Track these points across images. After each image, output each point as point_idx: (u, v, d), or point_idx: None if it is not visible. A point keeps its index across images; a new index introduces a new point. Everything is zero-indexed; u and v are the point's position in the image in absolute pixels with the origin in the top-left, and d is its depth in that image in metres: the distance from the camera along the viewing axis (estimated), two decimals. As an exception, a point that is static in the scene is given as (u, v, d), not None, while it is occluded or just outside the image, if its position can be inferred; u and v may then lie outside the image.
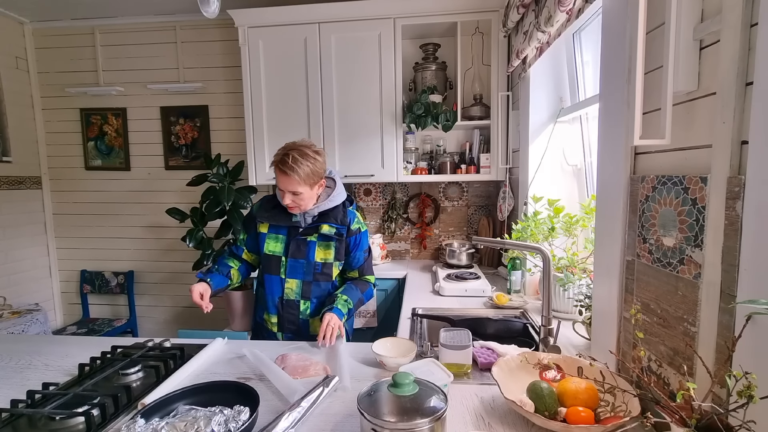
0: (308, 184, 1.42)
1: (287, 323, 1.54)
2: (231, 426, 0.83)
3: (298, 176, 1.37)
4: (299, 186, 1.40)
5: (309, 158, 1.40)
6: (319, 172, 1.44)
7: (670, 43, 0.77)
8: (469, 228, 2.86)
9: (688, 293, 0.77)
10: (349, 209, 1.57)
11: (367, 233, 1.63)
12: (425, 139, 2.76)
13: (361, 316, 2.47)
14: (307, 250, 1.52)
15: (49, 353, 1.32)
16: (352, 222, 1.55)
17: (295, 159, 1.37)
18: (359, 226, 1.58)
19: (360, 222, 1.60)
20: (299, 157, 1.38)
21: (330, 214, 1.51)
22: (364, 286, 1.60)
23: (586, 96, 1.82)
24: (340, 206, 1.54)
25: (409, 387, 0.79)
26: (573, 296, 1.55)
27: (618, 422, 0.78)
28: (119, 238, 3.16)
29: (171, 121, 3.01)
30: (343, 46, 2.48)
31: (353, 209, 1.61)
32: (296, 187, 1.40)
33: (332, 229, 1.50)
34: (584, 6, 1.36)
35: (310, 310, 1.54)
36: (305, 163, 1.38)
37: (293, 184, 1.39)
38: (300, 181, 1.39)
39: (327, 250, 1.53)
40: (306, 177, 1.39)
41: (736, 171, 0.68)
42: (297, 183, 1.39)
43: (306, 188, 1.42)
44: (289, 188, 1.40)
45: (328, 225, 1.50)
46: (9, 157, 2.84)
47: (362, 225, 1.60)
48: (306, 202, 1.46)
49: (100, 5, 2.76)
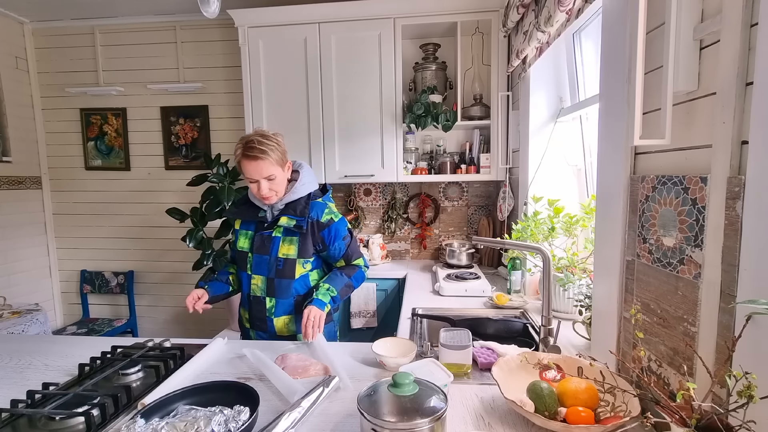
0: (280, 165, 1.42)
1: (256, 320, 1.52)
2: (231, 426, 0.83)
3: (270, 157, 1.37)
4: (273, 167, 1.39)
5: (272, 139, 1.40)
6: (285, 152, 1.45)
7: (670, 43, 0.77)
8: (469, 228, 2.87)
9: (688, 293, 0.77)
10: (316, 201, 1.52)
11: (344, 220, 1.56)
12: (425, 139, 2.76)
13: (361, 316, 2.47)
14: (271, 246, 1.48)
15: (49, 353, 1.32)
16: (320, 214, 1.49)
17: (261, 142, 1.37)
18: (331, 217, 1.51)
19: (332, 212, 1.53)
20: (264, 139, 1.38)
21: (292, 206, 1.49)
22: (351, 270, 1.55)
23: (586, 96, 1.82)
24: (303, 198, 1.50)
25: (409, 387, 0.79)
26: (573, 296, 1.55)
27: (618, 422, 0.78)
28: (119, 238, 3.16)
29: (171, 121, 3.01)
30: (343, 46, 2.48)
31: (324, 201, 1.55)
32: (270, 169, 1.39)
33: (291, 221, 1.46)
34: (584, 6, 1.36)
35: (275, 308, 1.49)
36: (272, 144, 1.39)
37: (267, 167, 1.38)
38: (273, 162, 1.39)
39: (290, 246, 1.48)
40: (278, 158, 1.40)
41: (736, 171, 0.68)
42: (271, 164, 1.38)
43: (279, 170, 1.42)
44: (264, 173, 1.39)
45: (287, 217, 1.46)
46: (9, 157, 2.84)
47: (335, 215, 1.53)
48: (281, 187, 1.45)
49: (100, 5, 2.76)
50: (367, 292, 2.45)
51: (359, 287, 1.65)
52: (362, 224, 2.92)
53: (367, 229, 2.94)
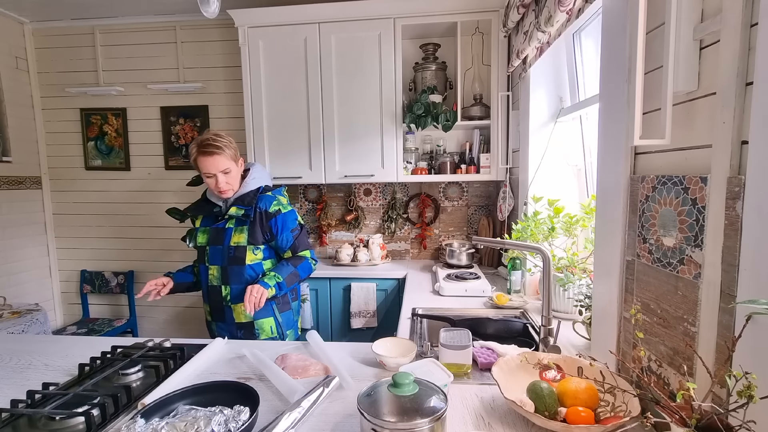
0: (233, 160, 1.56)
1: (215, 311, 1.65)
2: (231, 426, 0.83)
3: (225, 153, 1.52)
4: (227, 161, 1.54)
5: (225, 138, 1.55)
6: (237, 149, 1.60)
7: (670, 43, 0.77)
8: (469, 228, 2.87)
9: (688, 293, 0.77)
10: (265, 194, 1.64)
11: (294, 212, 1.68)
12: (425, 139, 2.76)
13: (361, 316, 2.47)
14: (225, 236, 1.61)
15: (49, 353, 1.32)
16: (268, 206, 1.61)
17: (215, 139, 1.52)
18: (279, 208, 1.63)
19: (280, 203, 1.65)
20: (218, 137, 1.53)
21: (241, 198, 1.61)
22: (297, 261, 1.65)
23: (586, 96, 1.82)
24: (252, 191, 1.62)
25: (409, 387, 0.79)
26: (573, 296, 1.55)
27: (618, 422, 0.78)
28: (119, 238, 3.16)
29: (171, 121, 3.01)
30: (343, 46, 2.48)
31: (273, 194, 1.67)
32: (226, 163, 1.53)
33: (240, 210, 1.58)
34: (584, 6, 1.36)
35: (230, 295, 1.61)
36: (225, 141, 1.54)
37: (223, 161, 1.52)
38: (228, 157, 1.53)
39: (240, 234, 1.60)
40: (231, 154, 1.55)
41: (736, 171, 0.68)
42: (226, 159, 1.53)
43: (233, 164, 1.56)
44: (220, 168, 1.53)
45: (236, 207, 1.58)
46: (9, 157, 2.84)
47: (283, 206, 1.65)
48: (235, 181, 1.59)
49: (100, 5, 2.76)
50: (367, 292, 2.45)
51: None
52: (362, 224, 2.92)
53: (367, 229, 2.94)
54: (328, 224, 2.91)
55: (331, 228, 2.93)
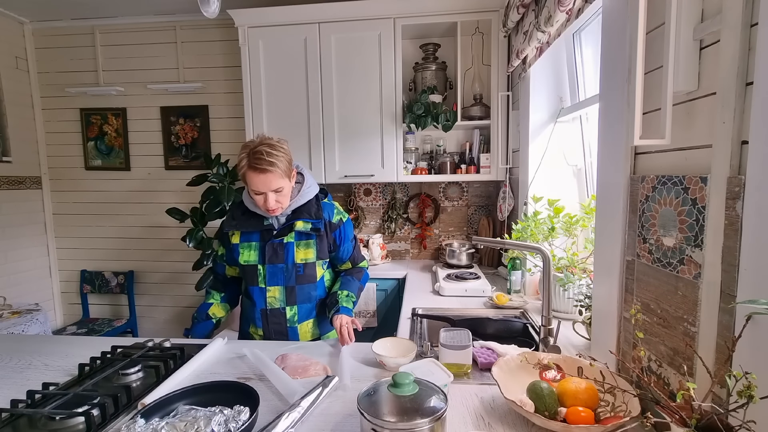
0: (287, 176, 1.33)
1: (274, 334, 1.46)
2: (231, 426, 0.83)
3: (279, 170, 1.29)
4: (281, 180, 1.31)
5: (279, 148, 1.31)
6: (292, 160, 1.36)
7: (670, 43, 0.77)
8: (469, 228, 2.86)
9: (688, 293, 0.77)
10: (324, 202, 1.48)
11: (350, 222, 1.56)
12: (425, 139, 2.76)
13: (361, 316, 2.47)
14: (285, 253, 1.41)
15: (49, 353, 1.32)
16: (331, 215, 1.47)
17: (269, 153, 1.27)
18: (341, 217, 1.50)
19: (340, 212, 1.51)
20: (272, 150, 1.28)
21: (303, 209, 1.42)
22: (359, 274, 1.57)
23: (586, 96, 1.82)
24: (313, 200, 1.44)
25: (409, 387, 0.79)
26: (573, 296, 1.55)
27: (618, 422, 0.78)
28: (119, 238, 3.16)
29: (171, 121, 3.01)
30: (343, 46, 2.48)
31: (329, 201, 1.52)
32: (279, 182, 1.30)
33: (307, 224, 1.41)
34: (584, 6, 1.36)
35: (298, 316, 1.46)
36: (280, 154, 1.30)
37: (276, 180, 1.29)
38: (282, 174, 1.30)
39: (307, 249, 1.43)
40: (286, 168, 1.31)
41: (736, 171, 0.68)
42: (280, 177, 1.30)
43: (286, 181, 1.33)
44: (272, 186, 1.30)
45: (302, 221, 1.40)
46: (9, 157, 2.84)
47: (343, 215, 1.52)
48: (287, 199, 1.37)
49: (100, 5, 2.76)
50: (367, 292, 2.45)
51: None
52: (362, 224, 2.92)
53: (367, 229, 2.94)
54: (328, 224, 2.91)
55: (331, 228, 2.93)
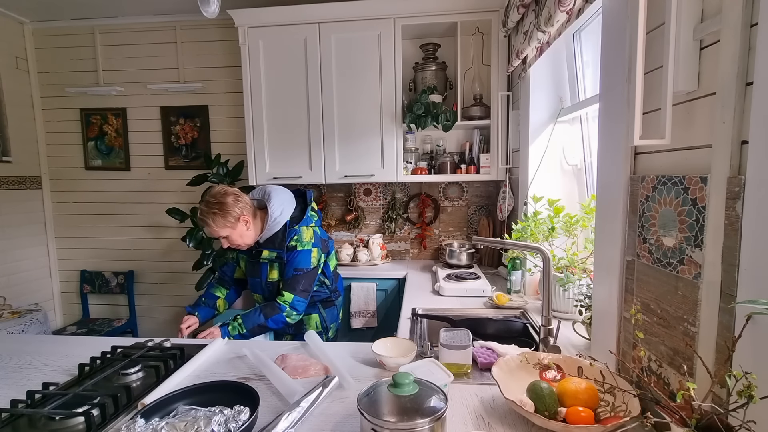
0: (228, 227, 1.52)
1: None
2: (231, 426, 0.83)
3: (215, 225, 1.50)
4: (222, 230, 1.52)
5: (214, 207, 1.50)
6: (233, 213, 1.52)
7: (670, 43, 0.77)
8: (469, 228, 2.86)
9: (688, 293, 0.77)
10: (292, 228, 1.63)
11: (308, 253, 1.63)
12: (425, 139, 2.76)
13: (361, 316, 2.47)
14: (260, 270, 1.68)
15: (49, 353, 1.32)
16: (290, 239, 1.62)
17: (203, 213, 1.51)
18: (295, 245, 1.62)
19: (299, 241, 1.63)
20: (206, 209, 1.50)
21: (269, 240, 1.62)
22: (270, 312, 1.57)
23: (586, 96, 1.82)
24: (280, 231, 1.62)
25: (409, 387, 0.79)
26: (573, 296, 1.55)
27: (618, 422, 0.78)
28: (119, 238, 3.16)
29: (171, 121, 3.01)
30: (343, 46, 2.48)
31: (299, 226, 1.64)
32: (221, 232, 1.52)
33: (272, 254, 1.63)
34: (584, 6, 1.36)
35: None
36: (212, 215, 1.49)
37: (217, 231, 1.52)
38: (218, 230, 1.51)
39: (273, 271, 1.66)
40: (221, 225, 1.51)
41: (736, 171, 0.68)
42: (220, 228, 1.51)
43: (228, 230, 1.53)
44: (215, 235, 1.54)
45: (267, 251, 1.63)
46: (9, 157, 2.84)
47: (301, 244, 1.62)
48: (241, 240, 1.57)
49: (100, 5, 2.76)
50: (367, 292, 2.45)
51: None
52: (362, 224, 2.92)
53: (367, 229, 2.94)
54: (328, 224, 2.92)
55: (331, 228, 2.94)
